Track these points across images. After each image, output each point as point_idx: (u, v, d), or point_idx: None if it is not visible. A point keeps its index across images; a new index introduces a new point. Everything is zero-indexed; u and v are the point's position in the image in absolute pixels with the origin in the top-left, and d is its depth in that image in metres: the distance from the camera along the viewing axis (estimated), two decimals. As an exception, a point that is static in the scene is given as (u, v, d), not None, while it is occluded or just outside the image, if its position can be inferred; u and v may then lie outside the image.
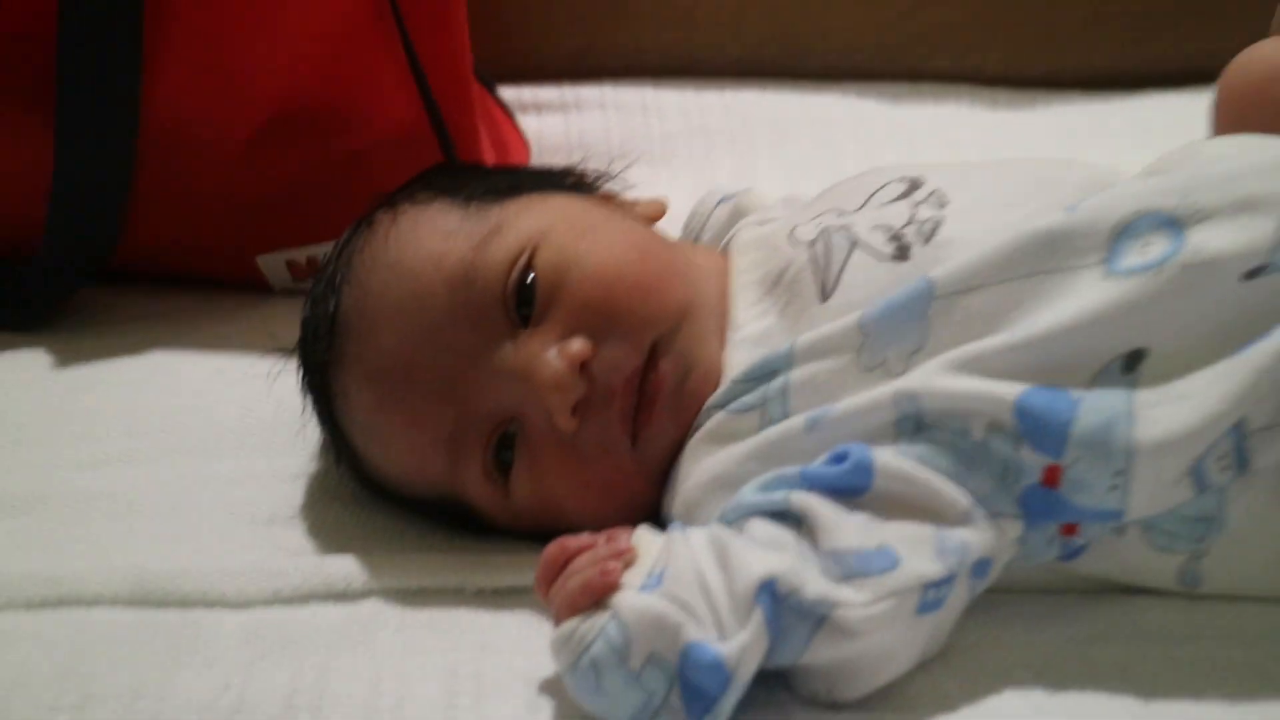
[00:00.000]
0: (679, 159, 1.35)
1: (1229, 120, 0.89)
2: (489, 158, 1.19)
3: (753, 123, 1.39)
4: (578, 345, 0.78)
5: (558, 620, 0.71)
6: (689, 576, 0.69)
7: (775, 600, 0.68)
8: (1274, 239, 0.72)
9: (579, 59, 1.43)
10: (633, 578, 0.70)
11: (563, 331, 0.80)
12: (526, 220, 0.83)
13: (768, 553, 0.70)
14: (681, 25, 1.44)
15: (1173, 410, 0.71)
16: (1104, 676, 0.71)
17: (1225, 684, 0.70)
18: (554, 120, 1.38)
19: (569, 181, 0.92)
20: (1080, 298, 0.73)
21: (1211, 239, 0.73)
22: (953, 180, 0.83)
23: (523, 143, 1.32)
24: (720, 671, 0.67)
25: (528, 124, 1.36)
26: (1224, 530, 0.74)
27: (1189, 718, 0.68)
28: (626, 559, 0.71)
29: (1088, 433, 0.71)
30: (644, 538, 0.74)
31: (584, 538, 0.73)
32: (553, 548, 0.73)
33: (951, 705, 0.70)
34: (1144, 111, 1.39)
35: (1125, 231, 0.74)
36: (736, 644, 0.67)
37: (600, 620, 0.69)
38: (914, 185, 0.83)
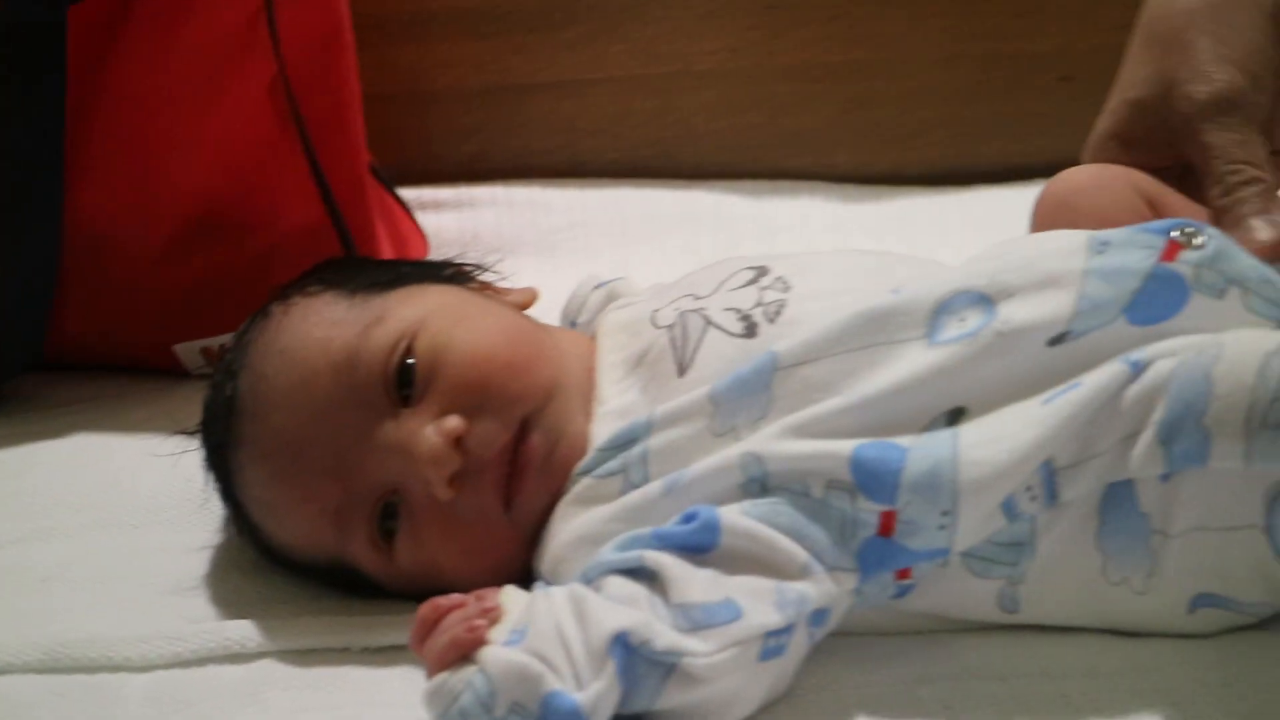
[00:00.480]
0: (563, 250, 1.35)
1: (1043, 227, 0.90)
2: (386, 251, 1.19)
3: (629, 218, 1.39)
4: (453, 422, 0.78)
5: (430, 674, 0.70)
6: (549, 631, 0.68)
7: (628, 651, 0.67)
8: (1072, 310, 0.73)
9: (474, 163, 1.43)
10: (498, 634, 0.70)
11: (439, 410, 0.79)
12: (406, 309, 0.83)
13: (621, 608, 0.69)
14: (566, 132, 1.44)
15: (991, 451, 0.71)
16: (931, 714, 0.71)
17: (1037, 715, 0.70)
18: (451, 217, 1.38)
19: (447, 273, 0.92)
20: (906, 364, 0.74)
21: (1018, 311, 0.74)
22: (794, 267, 0.83)
23: (421, 237, 1.32)
24: (578, 718, 0.66)
25: (427, 221, 1.35)
26: (1035, 556, 0.74)
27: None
28: (492, 616, 0.71)
29: (916, 476, 0.71)
30: (510, 596, 0.73)
31: (455, 597, 0.72)
32: (425, 607, 0.72)
33: (793, 745, 0.69)
34: (972, 204, 1.40)
35: (943, 308, 0.75)
36: (592, 692, 0.66)
37: (467, 673, 0.68)
38: (761, 272, 0.83)
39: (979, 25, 1.44)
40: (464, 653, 0.69)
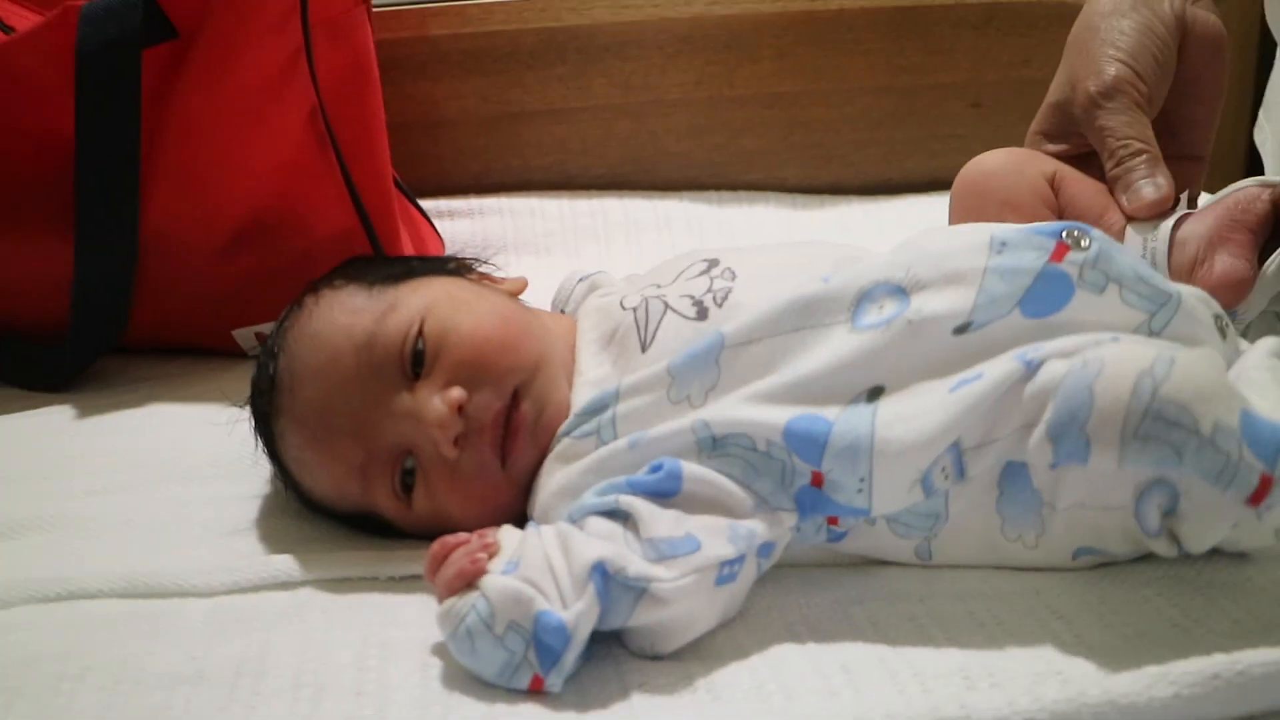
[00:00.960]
0: (556, 250, 1.36)
1: (959, 212, 0.91)
2: (408, 251, 1.19)
3: (612, 223, 1.39)
4: (455, 393, 0.78)
5: (440, 599, 0.70)
6: (539, 562, 0.69)
7: (605, 577, 0.67)
8: (973, 303, 0.73)
9: (481, 178, 1.43)
10: (496, 565, 0.70)
11: (444, 383, 0.79)
12: (415, 298, 0.83)
13: (600, 541, 0.70)
14: (558, 152, 1.45)
15: (902, 430, 0.72)
16: (861, 630, 0.72)
17: (951, 631, 0.71)
18: (463, 223, 1.38)
19: (450, 267, 0.92)
20: (832, 347, 0.74)
21: (928, 303, 0.74)
22: (740, 259, 0.84)
23: (438, 239, 1.32)
24: (563, 633, 0.66)
25: (443, 226, 1.36)
26: (947, 522, 0.75)
27: (924, 659, 0.68)
28: (491, 550, 0.71)
29: (839, 447, 0.72)
30: (506, 534, 0.73)
31: (460, 536, 0.72)
32: (436, 545, 0.72)
33: (745, 655, 0.70)
34: (900, 210, 1.41)
35: (865, 296, 0.75)
36: (574, 611, 0.67)
37: (472, 598, 0.68)
38: (712, 264, 0.84)
39: (902, 61, 1.45)
40: (468, 581, 0.69)
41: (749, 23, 1.43)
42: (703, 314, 0.79)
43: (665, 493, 0.73)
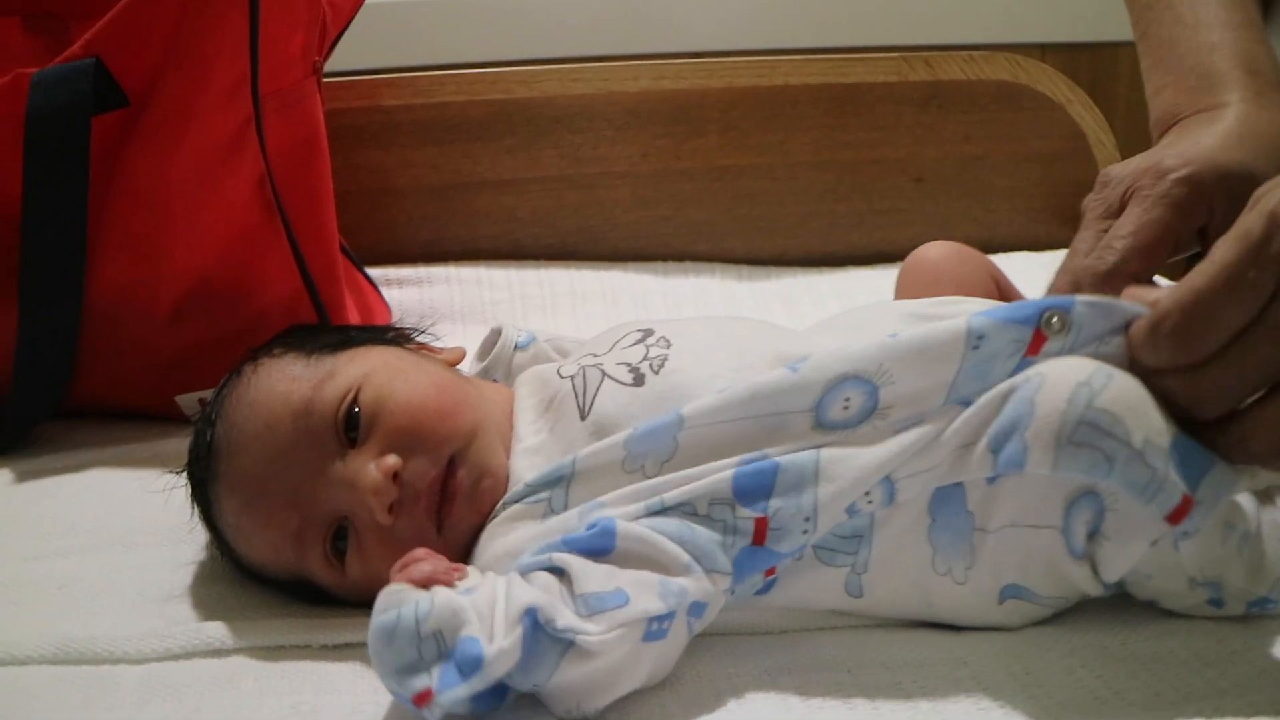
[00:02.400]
0: (504, 320, 1.32)
1: (904, 292, 0.93)
2: (354, 319, 1.19)
3: (559, 293, 1.39)
4: (391, 460, 0.78)
5: (393, 581, 0.71)
6: (488, 596, 0.70)
7: (535, 625, 0.68)
8: (940, 403, 0.74)
9: (430, 247, 1.44)
10: (459, 586, 0.71)
11: (380, 450, 0.79)
12: (353, 367, 0.83)
13: (538, 591, 0.70)
14: (507, 221, 1.45)
15: (845, 468, 0.73)
16: (788, 699, 0.72)
17: (876, 701, 0.71)
18: (411, 291, 1.38)
19: (389, 336, 0.92)
20: (791, 442, 0.75)
21: (896, 402, 0.74)
22: (674, 330, 0.84)
23: (385, 307, 1.32)
24: (478, 663, 0.66)
25: (391, 294, 1.36)
26: (873, 547, 0.76)
27: (848, 727, 0.68)
28: (460, 575, 0.72)
29: (784, 487, 0.73)
30: (472, 570, 0.74)
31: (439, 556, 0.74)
32: (419, 550, 0.74)
33: (673, 720, 0.70)
34: (843, 282, 1.42)
35: (832, 389, 0.75)
36: (496, 647, 0.67)
37: (419, 594, 0.69)
38: (647, 333, 0.84)
39: (845, 137, 1.47)
40: (429, 584, 0.70)
41: (695, 97, 1.45)
42: (639, 380, 0.80)
43: (599, 550, 0.73)
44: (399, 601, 0.69)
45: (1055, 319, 0.71)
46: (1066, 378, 0.69)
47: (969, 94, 1.48)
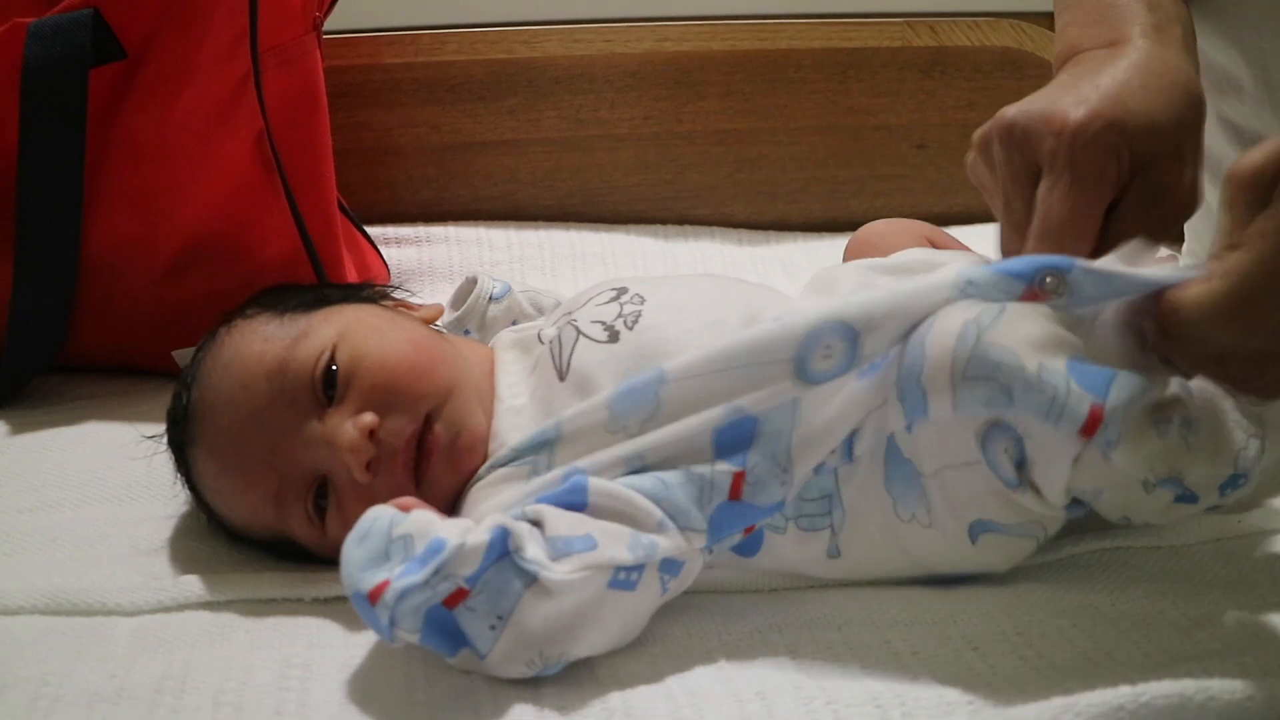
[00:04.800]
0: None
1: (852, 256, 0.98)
2: (352, 277, 1.19)
3: (559, 254, 1.39)
4: (367, 418, 0.78)
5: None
6: (459, 523, 0.71)
7: (504, 545, 0.68)
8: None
9: (430, 207, 1.43)
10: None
11: (356, 408, 0.79)
12: (327, 326, 0.83)
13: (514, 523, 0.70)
14: (507, 183, 1.45)
15: (819, 414, 0.74)
16: (779, 657, 0.72)
17: (866, 660, 0.71)
18: (410, 251, 1.37)
19: (365, 294, 0.92)
20: (773, 390, 0.74)
21: (878, 348, 0.73)
22: (648, 287, 0.84)
23: (384, 266, 1.31)
24: (440, 547, 0.67)
25: (390, 253, 1.35)
26: (842, 506, 0.76)
27: (839, 687, 0.68)
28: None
29: (764, 437, 0.73)
30: None
31: None
32: (408, 498, 0.74)
33: (662, 680, 0.70)
34: (844, 248, 1.40)
35: (811, 338, 0.73)
36: (459, 540, 0.67)
37: (395, 510, 0.71)
38: (621, 291, 0.84)
39: (848, 102, 1.46)
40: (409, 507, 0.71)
41: (698, 60, 1.44)
42: (614, 337, 0.80)
43: (572, 506, 0.73)
44: (377, 514, 0.70)
45: (1050, 279, 0.68)
46: (954, 318, 0.69)
47: (973, 60, 1.47)
